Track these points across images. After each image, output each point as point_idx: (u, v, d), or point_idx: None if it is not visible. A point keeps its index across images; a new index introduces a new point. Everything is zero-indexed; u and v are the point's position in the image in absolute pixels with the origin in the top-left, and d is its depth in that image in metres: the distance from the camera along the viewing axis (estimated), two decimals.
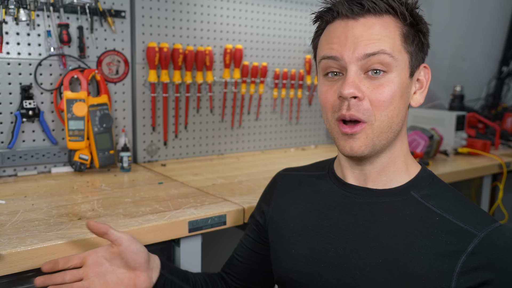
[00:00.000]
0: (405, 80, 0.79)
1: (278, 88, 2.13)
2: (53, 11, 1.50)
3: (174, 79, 1.78)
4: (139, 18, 1.69)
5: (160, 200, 1.26)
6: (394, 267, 0.77)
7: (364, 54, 0.76)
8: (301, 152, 2.13)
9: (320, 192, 0.92)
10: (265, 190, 1.05)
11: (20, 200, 1.23)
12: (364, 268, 0.79)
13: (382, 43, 0.76)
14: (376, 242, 0.80)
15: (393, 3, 0.78)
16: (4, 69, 1.46)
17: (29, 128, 1.52)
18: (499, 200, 2.01)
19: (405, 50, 0.79)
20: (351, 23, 0.78)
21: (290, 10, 2.11)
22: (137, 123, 1.75)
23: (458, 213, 0.79)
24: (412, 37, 0.80)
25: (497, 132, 2.24)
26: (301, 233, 0.89)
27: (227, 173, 1.63)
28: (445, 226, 0.77)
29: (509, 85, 3.03)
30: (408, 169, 0.85)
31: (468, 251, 0.74)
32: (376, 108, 0.77)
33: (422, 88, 0.85)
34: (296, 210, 0.93)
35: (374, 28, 0.77)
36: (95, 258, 0.87)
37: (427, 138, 1.81)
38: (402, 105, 0.80)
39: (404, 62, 0.79)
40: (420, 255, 0.76)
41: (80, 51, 1.57)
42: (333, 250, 0.83)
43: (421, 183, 0.84)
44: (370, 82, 0.77)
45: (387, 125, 0.78)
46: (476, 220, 0.77)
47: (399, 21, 0.79)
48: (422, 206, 0.81)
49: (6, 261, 0.87)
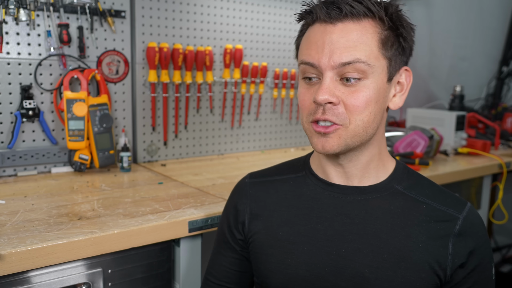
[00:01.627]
0: (382, 85, 0.80)
1: (278, 88, 2.13)
2: (53, 11, 1.50)
3: (174, 79, 1.78)
4: (139, 18, 1.69)
5: (160, 200, 1.26)
6: (400, 259, 0.79)
7: (340, 63, 0.77)
8: (301, 152, 2.13)
9: (304, 195, 0.89)
10: (231, 202, 0.98)
11: (20, 200, 1.23)
12: (371, 266, 0.80)
13: (358, 51, 0.76)
14: (377, 238, 0.81)
15: (372, 7, 0.77)
16: (4, 69, 1.46)
17: (29, 128, 1.52)
18: (499, 200, 2.01)
19: (383, 56, 0.79)
20: (329, 28, 0.78)
21: (290, 10, 2.11)
22: (137, 123, 1.75)
23: (437, 199, 0.85)
24: (391, 41, 0.80)
25: (497, 132, 2.24)
26: (294, 241, 0.86)
27: (227, 173, 1.63)
28: (432, 212, 0.83)
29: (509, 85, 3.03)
30: (385, 164, 0.88)
31: (455, 232, 0.81)
32: (350, 112, 0.78)
33: (402, 91, 0.85)
34: (281, 218, 0.89)
35: (351, 35, 0.77)
36: None
37: (427, 138, 1.81)
38: (378, 109, 0.81)
39: (382, 68, 0.79)
40: (418, 243, 0.80)
41: (80, 51, 1.57)
42: (335, 253, 0.83)
43: (400, 176, 0.88)
44: (345, 88, 0.78)
45: (362, 129, 0.80)
46: (453, 203, 0.84)
47: (378, 25, 0.79)
48: (407, 197, 0.85)
49: (6, 261, 0.87)
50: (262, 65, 2.02)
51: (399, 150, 1.79)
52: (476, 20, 2.98)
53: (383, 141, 0.88)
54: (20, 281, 0.93)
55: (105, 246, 1.00)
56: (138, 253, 1.08)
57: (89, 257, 0.99)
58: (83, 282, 1.01)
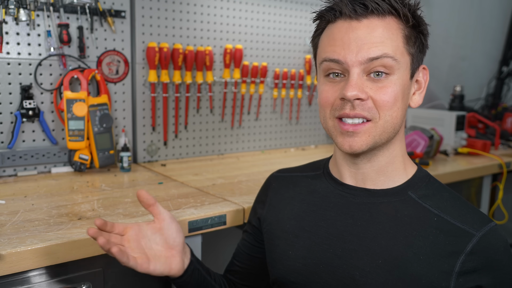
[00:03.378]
0: (406, 81, 0.80)
1: (278, 88, 2.13)
2: (53, 11, 1.50)
3: (174, 79, 1.78)
4: (139, 18, 1.69)
5: (160, 200, 1.26)
6: (394, 268, 0.77)
7: (368, 58, 0.76)
8: (301, 152, 2.13)
9: (316, 192, 0.91)
10: (259, 192, 1.05)
11: (20, 200, 1.23)
12: (363, 269, 0.79)
13: (385, 46, 0.76)
14: (375, 243, 0.80)
15: (396, 5, 0.77)
16: (4, 69, 1.46)
17: (29, 128, 1.52)
18: (499, 200, 2.01)
19: (407, 52, 0.79)
20: (354, 24, 0.77)
21: (290, 10, 2.11)
22: (137, 123, 1.75)
23: (455, 213, 0.79)
24: (414, 38, 0.80)
25: (497, 132, 2.24)
26: (297, 234, 0.89)
27: (227, 173, 1.63)
28: (443, 226, 0.78)
29: (509, 85, 3.03)
30: (405, 169, 0.86)
31: (467, 250, 0.75)
32: (380, 108, 0.78)
33: (421, 89, 0.85)
34: (292, 211, 0.92)
35: (377, 31, 0.77)
36: (137, 230, 0.85)
37: (427, 138, 1.81)
38: (404, 106, 0.81)
39: (406, 64, 0.79)
40: (419, 255, 0.77)
41: (80, 51, 1.57)
42: (331, 251, 0.83)
43: (418, 183, 0.84)
44: (373, 84, 0.78)
45: (390, 125, 0.79)
46: (473, 220, 0.78)
47: (402, 22, 0.79)
48: (419, 206, 0.81)
49: (6, 261, 0.87)
50: (262, 65, 2.02)
51: None
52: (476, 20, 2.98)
53: (403, 142, 0.87)
54: (20, 281, 0.93)
55: None
56: None
57: (89, 257, 0.99)
58: (83, 282, 1.01)
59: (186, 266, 0.91)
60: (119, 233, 0.84)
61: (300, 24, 2.15)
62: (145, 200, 0.86)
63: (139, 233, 0.85)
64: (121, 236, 0.84)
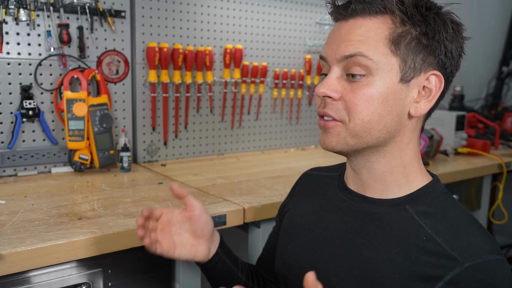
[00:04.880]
0: (391, 85, 0.74)
1: (278, 88, 2.13)
2: (53, 11, 1.50)
3: (174, 79, 1.78)
4: (139, 18, 1.69)
5: (160, 200, 1.26)
6: (367, 282, 0.75)
7: (343, 56, 0.75)
8: (301, 152, 2.13)
9: (325, 193, 0.92)
10: (292, 187, 1.08)
11: (20, 200, 1.23)
12: (340, 276, 0.78)
13: (362, 44, 0.74)
14: (357, 252, 0.78)
15: (388, 4, 0.74)
16: (4, 69, 1.46)
17: (29, 128, 1.52)
18: (499, 200, 2.01)
19: (393, 53, 0.74)
20: (342, 24, 0.78)
21: (290, 10, 2.11)
22: (137, 123, 1.75)
23: (451, 236, 0.72)
24: (408, 39, 0.74)
25: (497, 132, 2.24)
26: (298, 231, 0.91)
27: (227, 173, 1.63)
28: (429, 247, 0.72)
29: (509, 85, 3.03)
30: (409, 181, 0.80)
31: (446, 279, 0.68)
32: (349, 110, 0.75)
33: (430, 97, 0.77)
34: (303, 208, 0.94)
35: (359, 29, 0.75)
36: (170, 216, 0.92)
37: (427, 138, 1.81)
38: (386, 112, 0.75)
39: (391, 66, 0.74)
40: (395, 273, 0.72)
41: (80, 51, 1.57)
42: (319, 253, 0.84)
43: (421, 198, 0.78)
44: (349, 84, 0.76)
45: (362, 129, 0.75)
46: (468, 247, 0.70)
47: (392, 22, 0.74)
48: (413, 222, 0.76)
49: (6, 261, 0.87)
50: (262, 65, 2.02)
51: None
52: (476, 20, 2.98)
53: (409, 153, 0.80)
54: (20, 281, 0.93)
55: (105, 246, 1.00)
56: (138, 253, 1.08)
57: (89, 257, 0.99)
58: (83, 282, 1.01)
59: (211, 256, 0.96)
60: (156, 218, 0.92)
61: (300, 24, 2.15)
62: (177, 193, 0.91)
63: (172, 219, 0.92)
64: (156, 221, 0.92)
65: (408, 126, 0.78)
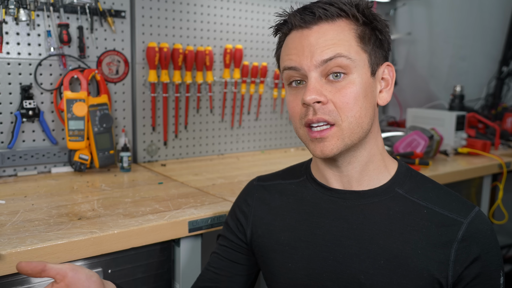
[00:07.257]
0: (367, 79, 0.80)
1: (278, 88, 2.13)
2: (53, 11, 1.50)
3: (174, 79, 1.78)
4: (139, 18, 1.69)
5: (160, 200, 1.26)
6: (397, 266, 0.78)
7: (322, 61, 0.77)
8: (301, 152, 2.13)
9: (304, 200, 0.90)
10: (239, 199, 1.00)
11: (20, 200, 1.23)
12: (367, 272, 0.80)
13: (338, 47, 0.78)
14: (374, 244, 0.80)
15: (344, 7, 0.79)
16: (4, 69, 1.46)
17: (29, 128, 1.52)
18: (499, 200, 2.01)
19: (363, 50, 0.80)
20: (306, 32, 0.80)
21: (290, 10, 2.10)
22: (137, 123, 1.75)
23: (441, 202, 0.82)
24: (368, 36, 0.81)
25: (497, 132, 2.24)
26: (294, 246, 0.88)
27: (227, 173, 1.63)
28: (433, 217, 0.80)
29: (509, 85, 3.03)
30: (386, 166, 0.87)
31: (458, 238, 0.78)
32: (341, 110, 0.78)
33: (388, 86, 0.86)
34: (284, 222, 0.90)
35: (328, 34, 0.78)
36: None
37: (427, 138, 1.81)
38: (368, 105, 0.80)
39: (363, 62, 0.80)
40: (417, 249, 0.79)
41: (80, 51, 1.57)
42: (332, 258, 0.83)
43: (402, 179, 0.86)
44: (332, 86, 0.78)
45: (355, 125, 0.79)
46: (458, 207, 0.82)
47: (353, 23, 0.80)
48: (408, 201, 0.83)
49: (6, 261, 0.87)
50: (262, 65, 2.02)
51: (399, 150, 1.79)
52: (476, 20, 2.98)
53: (379, 139, 0.87)
54: (20, 281, 0.93)
55: (105, 246, 1.00)
56: (138, 253, 1.08)
57: (89, 257, 0.99)
58: None
59: None
60: None
61: None
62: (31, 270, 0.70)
63: None
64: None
65: (376, 115, 0.86)
